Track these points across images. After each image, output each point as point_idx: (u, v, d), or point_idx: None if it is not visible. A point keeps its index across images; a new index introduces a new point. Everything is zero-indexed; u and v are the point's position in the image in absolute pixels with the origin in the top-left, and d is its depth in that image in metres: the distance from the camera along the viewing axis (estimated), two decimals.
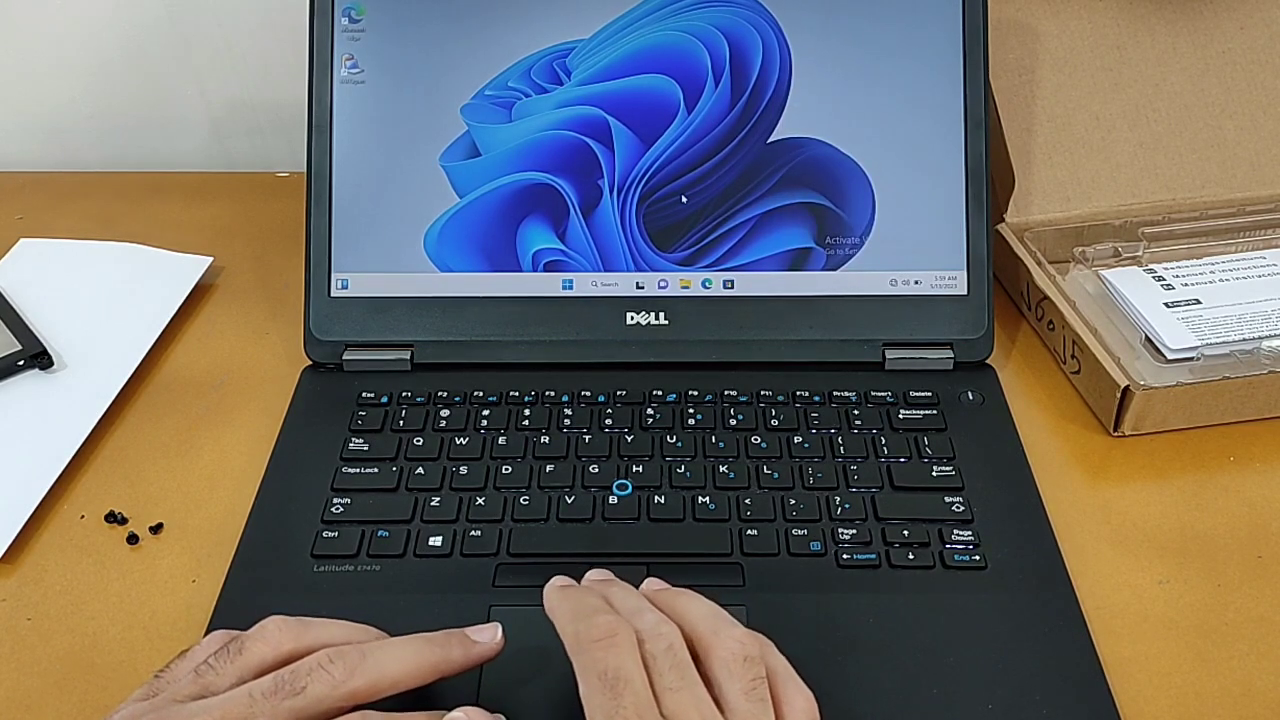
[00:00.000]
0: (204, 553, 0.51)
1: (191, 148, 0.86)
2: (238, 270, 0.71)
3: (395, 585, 0.47)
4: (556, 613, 0.39)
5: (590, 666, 0.36)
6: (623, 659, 0.36)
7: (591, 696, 0.35)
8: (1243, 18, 0.68)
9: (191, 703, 0.36)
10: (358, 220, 0.59)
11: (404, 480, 0.52)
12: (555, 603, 0.40)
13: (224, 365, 0.63)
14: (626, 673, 0.35)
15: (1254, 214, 0.66)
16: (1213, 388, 0.55)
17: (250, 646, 0.39)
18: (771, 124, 0.58)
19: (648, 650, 0.36)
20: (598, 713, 0.35)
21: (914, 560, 0.48)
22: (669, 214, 0.59)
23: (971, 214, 0.58)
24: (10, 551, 0.51)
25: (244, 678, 0.37)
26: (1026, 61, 0.66)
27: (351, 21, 0.59)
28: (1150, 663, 0.45)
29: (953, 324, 0.58)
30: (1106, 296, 0.62)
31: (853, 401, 0.56)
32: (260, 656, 0.38)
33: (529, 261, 0.59)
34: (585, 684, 0.36)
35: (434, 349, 0.58)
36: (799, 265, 0.59)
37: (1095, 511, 0.52)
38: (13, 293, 0.66)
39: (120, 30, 0.80)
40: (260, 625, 0.39)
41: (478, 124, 0.59)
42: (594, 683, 0.35)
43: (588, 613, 0.38)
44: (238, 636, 0.39)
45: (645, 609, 0.38)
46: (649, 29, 0.59)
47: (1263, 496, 0.53)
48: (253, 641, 0.39)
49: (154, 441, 0.58)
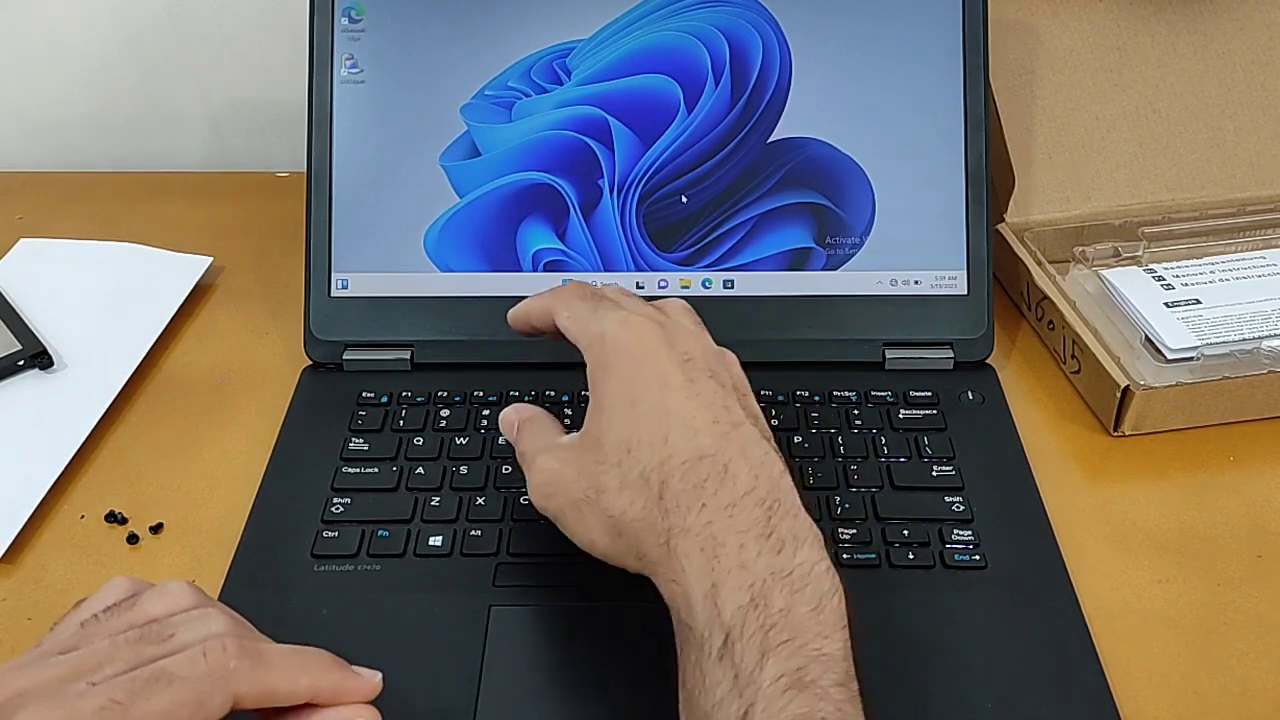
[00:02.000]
0: (204, 553, 0.51)
1: (191, 148, 0.86)
2: (238, 270, 0.71)
3: (395, 585, 0.47)
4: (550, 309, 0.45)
5: (573, 304, 0.44)
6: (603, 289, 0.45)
7: (579, 312, 0.43)
8: (1243, 18, 0.68)
9: (56, 655, 0.34)
10: (358, 220, 0.59)
11: (404, 480, 0.52)
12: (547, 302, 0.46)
13: (224, 365, 0.63)
14: (604, 294, 0.45)
15: (1254, 214, 0.66)
16: (1213, 388, 0.55)
17: (143, 603, 0.36)
18: (771, 124, 0.58)
19: (609, 293, 0.45)
20: (587, 315, 0.43)
21: (914, 560, 0.48)
22: (669, 214, 0.59)
23: (971, 214, 0.58)
24: (10, 551, 0.51)
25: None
26: (1026, 61, 0.66)
27: (351, 21, 0.59)
28: (1150, 662, 0.45)
29: (953, 324, 0.58)
30: (1106, 296, 0.62)
31: (853, 401, 0.56)
32: (149, 615, 0.36)
33: (529, 261, 0.59)
34: (569, 310, 0.44)
35: (434, 349, 0.58)
36: (799, 265, 0.59)
37: (1095, 511, 0.52)
38: (13, 293, 0.66)
39: (120, 30, 0.80)
40: (163, 583, 0.37)
41: (478, 124, 0.59)
42: (578, 305, 0.44)
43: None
44: (136, 592, 0.37)
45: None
46: (649, 29, 0.59)
47: (1263, 496, 0.53)
48: (147, 599, 0.37)
49: (154, 441, 0.58)
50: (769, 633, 0.34)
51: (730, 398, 0.40)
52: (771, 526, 0.36)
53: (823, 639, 0.34)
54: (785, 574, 0.35)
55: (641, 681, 0.42)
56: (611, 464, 0.39)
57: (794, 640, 0.34)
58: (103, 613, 0.37)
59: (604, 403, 0.40)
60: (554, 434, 0.44)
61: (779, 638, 0.34)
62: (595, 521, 0.39)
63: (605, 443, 0.39)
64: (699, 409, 0.39)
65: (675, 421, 0.39)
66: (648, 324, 0.42)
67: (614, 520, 0.39)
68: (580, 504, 0.40)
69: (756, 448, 0.39)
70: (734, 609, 0.35)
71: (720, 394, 0.40)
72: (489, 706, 0.42)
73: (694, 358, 0.41)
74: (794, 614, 0.34)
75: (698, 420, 0.39)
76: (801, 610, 0.34)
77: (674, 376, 0.40)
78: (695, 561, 0.36)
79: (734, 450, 0.38)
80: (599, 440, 0.40)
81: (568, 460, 0.41)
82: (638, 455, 0.39)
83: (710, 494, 0.37)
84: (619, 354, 0.41)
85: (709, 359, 0.42)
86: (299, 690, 0.35)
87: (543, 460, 0.42)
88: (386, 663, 0.43)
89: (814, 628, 0.34)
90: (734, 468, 0.38)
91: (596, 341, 0.42)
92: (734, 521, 0.36)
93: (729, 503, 0.37)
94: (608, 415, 0.40)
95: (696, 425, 0.39)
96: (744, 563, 0.35)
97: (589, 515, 0.39)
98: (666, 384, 0.40)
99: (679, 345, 0.41)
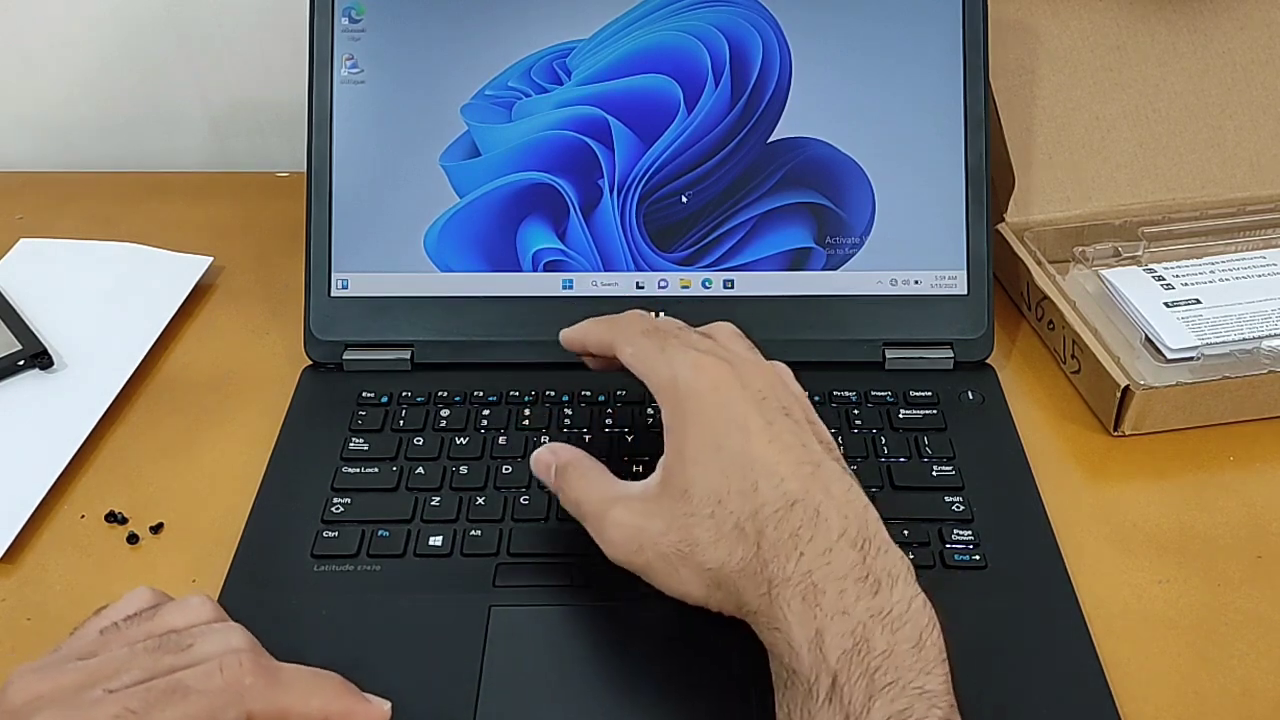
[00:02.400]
0: (204, 553, 0.51)
1: (191, 147, 0.86)
2: (238, 270, 0.71)
3: (395, 585, 0.47)
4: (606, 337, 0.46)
5: (636, 340, 0.44)
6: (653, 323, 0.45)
7: (645, 350, 0.43)
8: (1243, 18, 0.68)
9: (75, 661, 0.35)
10: (358, 220, 0.59)
11: (404, 480, 0.52)
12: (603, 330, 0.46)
13: (224, 365, 0.63)
14: (662, 329, 0.44)
15: (1254, 214, 0.66)
16: (1213, 388, 0.55)
17: (164, 614, 0.37)
18: (771, 124, 0.58)
19: (668, 327, 0.45)
20: (655, 354, 0.42)
21: (914, 560, 0.47)
22: (669, 214, 0.59)
23: (971, 214, 0.58)
24: (10, 551, 0.51)
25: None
26: (1026, 61, 0.66)
27: (351, 21, 0.59)
28: (1150, 662, 0.45)
29: (953, 324, 0.58)
30: (1106, 296, 0.62)
31: (853, 401, 0.56)
32: (169, 625, 0.36)
33: (529, 261, 0.59)
34: (633, 346, 0.44)
35: (434, 349, 0.58)
36: (799, 265, 0.59)
37: (1095, 511, 0.52)
38: (13, 293, 0.66)
39: (120, 30, 0.80)
40: (185, 597, 0.38)
41: (478, 124, 0.59)
42: (642, 342, 0.43)
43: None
44: (157, 604, 0.38)
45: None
46: (649, 29, 0.59)
47: (1263, 496, 0.53)
48: (168, 610, 0.37)
49: (154, 441, 0.58)
50: (874, 676, 0.34)
51: (806, 433, 0.40)
52: (867, 568, 0.37)
53: (925, 675, 0.35)
54: (884, 614, 0.36)
55: (642, 681, 0.42)
56: (703, 515, 0.39)
57: (899, 681, 0.34)
58: (123, 621, 0.37)
59: (686, 452, 0.40)
60: (610, 481, 0.43)
61: (884, 679, 0.34)
62: (691, 575, 0.39)
63: (694, 494, 0.39)
64: (781, 452, 0.39)
65: (761, 468, 0.38)
66: (720, 366, 0.41)
67: (713, 572, 0.38)
68: (672, 558, 0.39)
69: (839, 484, 0.39)
70: (839, 654, 0.35)
71: (797, 432, 0.40)
72: (489, 707, 0.42)
73: (767, 396, 0.41)
74: (896, 653, 0.35)
75: (782, 465, 0.39)
76: (903, 648, 0.35)
77: (753, 420, 0.40)
78: (797, 610, 0.36)
79: (820, 492, 0.38)
80: (686, 491, 0.39)
81: (651, 513, 0.40)
82: (729, 505, 0.38)
83: (806, 541, 0.37)
84: (696, 399, 0.40)
85: (779, 394, 0.42)
86: (310, 712, 0.35)
87: (618, 514, 0.41)
88: (386, 663, 0.43)
89: (916, 665, 0.35)
90: (824, 510, 0.38)
91: (669, 385, 0.41)
92: (832, 568, 0.37)
93: (825, 548, 0.37)
94: (692, 465, 0.39)
95: (782, 471, 0.38)
96: (845, 608, 0.36)
97: (683, 569, 0.39)
98: (747, 429, 0.39)
99: (752, 385, 0.41)
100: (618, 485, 0.42)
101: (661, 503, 0.40)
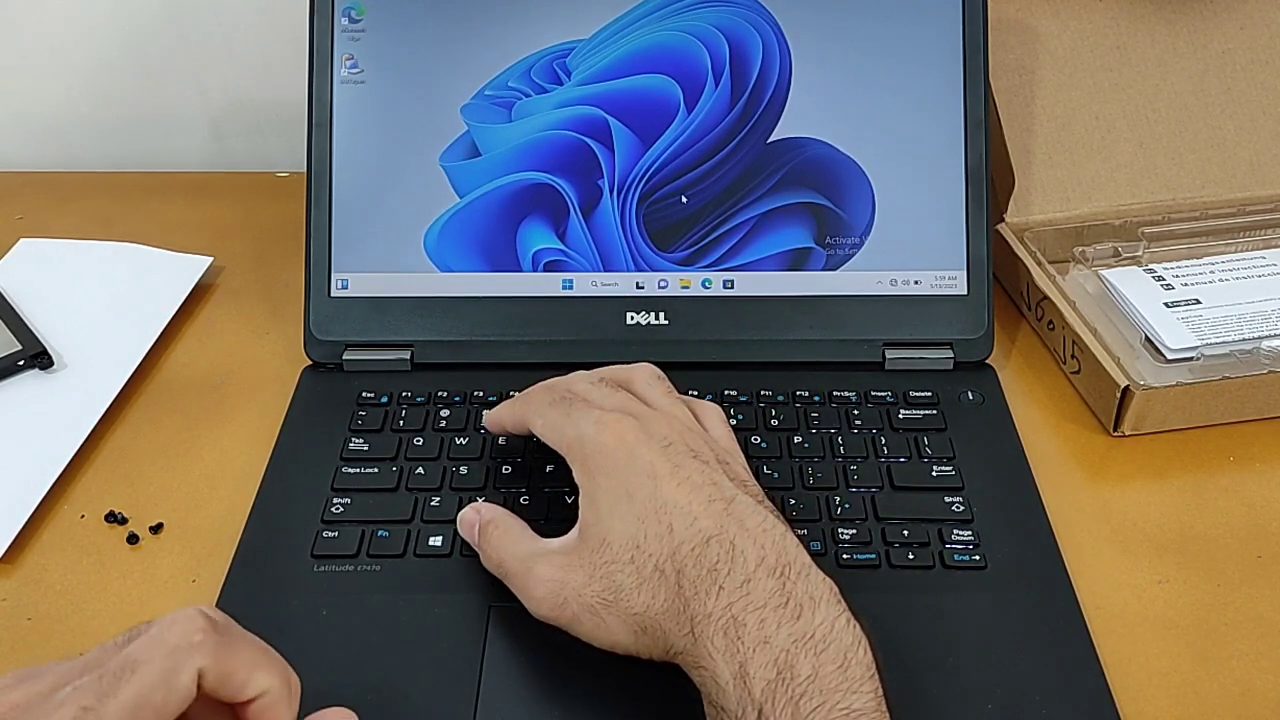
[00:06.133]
0: (204, 553, 0.51)
1: (191, 147, 0.86)
2: (238, 270, 0.71)
3: (395, 585, 0.47)
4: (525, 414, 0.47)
5: (544, 412, 0.45)
6: (569, 385, 0.46)
7: (552, 419, 0.44)
8: (1243, 18, 0.68)
9: (57, 664, 0.33)
10: (358, 220, 0.59)
11: (404, 480, 0.52)
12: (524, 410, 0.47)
13: (224, 365, 0.63)
14: (572, 391, 0.45)
15: (1254, 214, 0.66)
16: (1213, 388, 0.55)
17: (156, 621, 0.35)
18: (771, 124, 0.58)
19: (578, 390, 0.46)
20: (562, 420, 0.44)
21: (914, 560, 0.48)
22: (669, 214, 0.59)
23: (971, 214, 0.58)
24: (10, 551, 0.51)
25: None
26: (1026, 61, 0.66)
27: (351, 21, 0.59)
28: (1150, 662, 0.45)
29: (953, 324, 0.58)
30: (1106, 296, 0.62)
31: (853, 401, 0.56)
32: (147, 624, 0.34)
33: (529, 261, 0.59)
34: (542, 419, 0.45)
35: (434, 349, 0.58)
36: (799, 265, 0.59)
37: (1095, 511, 0.52)
38: (13, 293, 0.66)
39: (120, 30, 0.80)
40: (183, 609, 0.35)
41: (478, 124, 0.59)
42: (549, 413, 0.45)
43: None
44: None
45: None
46: (649, 29, 0.59)
47: (1263, 496, 0.53)
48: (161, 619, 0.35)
49: (154, 441, 0.58)
50: (799, 703, 0.34)
51: (717, 473, 0.41)
52: (788, 594, 0.37)
53: (851, 694, 0.35)
54: (807, 638, 0.36)
55: (641, 682, 0.42)
56: (624, 562, 0.39)
57: (825, 704, 0.34)
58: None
59: (600, 504, 0.41)
60: (530, 538, 0.44)
61: (809, 705, 0.34)
62: (616, 623, 0.39)
63: (612, 542, 0.40)
64: (691, 492, 0.40)
65: (673, 510, 0.39)
66: (623, 420, 0.42)
67: (638, 617, 0.39)
68: (597, 608, 0.40)
69: (754, 517, 0.39)
70: (763, 685, 0.35)
71: (706, 472, 0.41)
72: (489, 707, 0.42)
73: (673, 442, 0.42)
74: (820, 677, 0.35)
75: (694, 505, 0.39)
76: (828, 670, 0.35)
77: (661, 466, 0.40)
78: (720, 645, 0.37)
79: (735, 526, 0.39)
80: (605, 540, 0.40)
81: (572, 565, 0.41)
82: (647, 549, 0.39)
83: (724, 574, 0.38)
84: (602, 455, 0.41)
85: (686, 439, 0.42)
86: (254, 682, 0.34)
87: (541, 570, 0.41)
88: (386, 663, 0.43)
89: (842, 685, 0.35)
90: (739, 543, 0.38)
91: (575, 445, 0.43)
92: (751, 598, 0.37)
93: (743, 579, 0.37)
94: (607, 515, 0.40)
95: (694, 510, 0.39)
96: (766, 638, 0.36)
97: (608, 618, 0.39)
98: (656, 475, 0.40)
99: (656, 433, 0.42)
100: (539, 542, 0.43)
101: (582, 555, 0.40)
